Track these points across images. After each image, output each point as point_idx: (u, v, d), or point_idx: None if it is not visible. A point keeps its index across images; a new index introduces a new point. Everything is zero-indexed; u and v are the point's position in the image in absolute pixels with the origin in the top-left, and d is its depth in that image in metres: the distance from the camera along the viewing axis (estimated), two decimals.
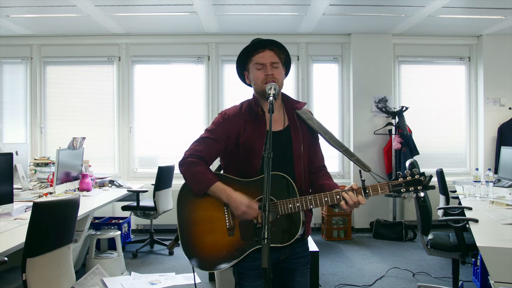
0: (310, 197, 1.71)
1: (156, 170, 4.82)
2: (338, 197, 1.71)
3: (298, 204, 1.70)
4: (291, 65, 2.00)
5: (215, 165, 1.99)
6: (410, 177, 1.72)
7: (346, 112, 6.08)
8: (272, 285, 1.88)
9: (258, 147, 1.78)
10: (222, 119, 1.86)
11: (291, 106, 1.90)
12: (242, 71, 1.92)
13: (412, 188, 1.71)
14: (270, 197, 1.69)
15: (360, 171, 1.80)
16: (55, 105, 6.07)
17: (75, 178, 4.45)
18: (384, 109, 5.79)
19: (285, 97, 1.93)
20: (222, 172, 1.91)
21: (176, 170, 5.11)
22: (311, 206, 1.71)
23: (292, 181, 1.74)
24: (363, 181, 1.72)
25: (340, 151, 1.88)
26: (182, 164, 1.83)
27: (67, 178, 4.29)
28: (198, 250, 1.79)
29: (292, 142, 1.84)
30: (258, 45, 1.84)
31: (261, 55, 1.82)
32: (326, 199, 1.70)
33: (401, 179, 1.72)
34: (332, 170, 1.97)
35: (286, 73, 1.94)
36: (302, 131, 1.87)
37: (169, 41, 6.01)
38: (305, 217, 1.81)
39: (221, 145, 1.84)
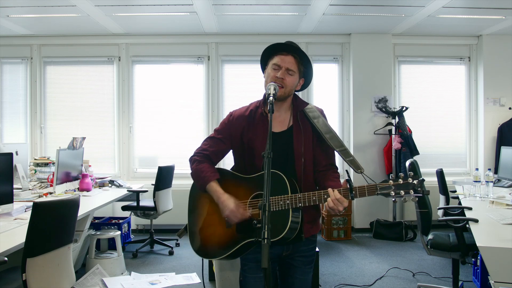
0: (299, 196, 1.72)
1: (156, 170, 4.82)
2: (325, 196, 1.70)
3: (288, 202, 1.72)
4: None
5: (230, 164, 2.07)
6: (401, 180, 1.66)
7: (346, 112, 6.07)
8: (275, 278, 1.99)
9: (259, 147, 1.85)
10: (228, 120, 1.97)
11: (298, 107, 1.93)
12: (265, 66, 1.94)
13: (403, 192, 1.65)
14: (261, 193, 1.75)
15: (346, 171, 1.82)
16: (55, 105, 6.07)
17: (75, 178, 4.45)
18: (384, 109, 5.79)
19: (295, 99, 1.95)
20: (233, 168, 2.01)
21: (176, 170, 5.16)
22: (300, 205, 1.71)
23: (286, 180, 1.74)
24: (349, 180, 1.69)
25: (336, 151, 1.89)
26: (189, 160, 1.99)
27: (67, 178, 4.30)
28: (200, 238, 1.93)
29: (293, 142, 1.87)
30: (283, 48, 1.88)
31: (282, 57, 1.85)
32: (314, 198, 1.71)
33: (391, 181, 1.67)
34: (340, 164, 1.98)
35: (305, 85, 1.96)
36: (306, 131, 1.89)
37: (169, 41, 6.01)
38: (301, 216, 1.77)
39: (226, 144, 1.96)
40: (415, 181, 1.65)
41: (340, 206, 1.67)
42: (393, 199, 1.67)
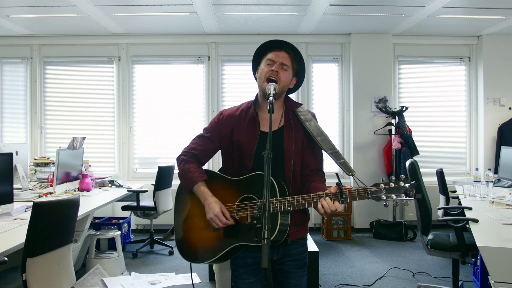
0: (288, 199, 1.68)
1: (156, 170, 4.82)
2: (315, 200, 1.66)
3: (276, 205, 1.68)
4: None
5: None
6: (393, 184, 1.63)
7: (346, 112, 6.07)
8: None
9: (249, 146, 1.83)
10: (217, 119, 1.94)
11: (290, 108, 1.91)
12: (256, 66, 1.93)
13: (394, 196, 1.61)
14: (251, 195, 1.75)
15: (336, 174, 1.78)
16: (55, 105, 6.07)
17: (75, 178, 4.45)
18: (384, 109, 5.78)
19: (287, 100, 1.93)
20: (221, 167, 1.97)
21: (176, 170, 5.15)
22: (289, 208, 1.68)
23: (274, 182, 1.70)
24: (339, 184, 1.66)
25: (327, 153, 1.86)
26: (177, 160, 1.96)
27: (67, 178, 4.29)
28: (187, 242, 1.87)
29: (283, 143, 1.84)
30: (276, 44, 1.87)
31: (275, 53, 1.85)
32: (303, 201, 1.67)
33: (383, 185, 1.63)
34: (332, 170, 1.96)
35: (297, 86, 1.95)
36: (297, 132, 1.87)
37: (169, 41, 6.01)
38: (289, 219, 1.73)
39: (215, 143, 1.92)
40: (406, 185, 1.61)
41: (334, 212, 1.65)
42: (384, 203, 1.63)
